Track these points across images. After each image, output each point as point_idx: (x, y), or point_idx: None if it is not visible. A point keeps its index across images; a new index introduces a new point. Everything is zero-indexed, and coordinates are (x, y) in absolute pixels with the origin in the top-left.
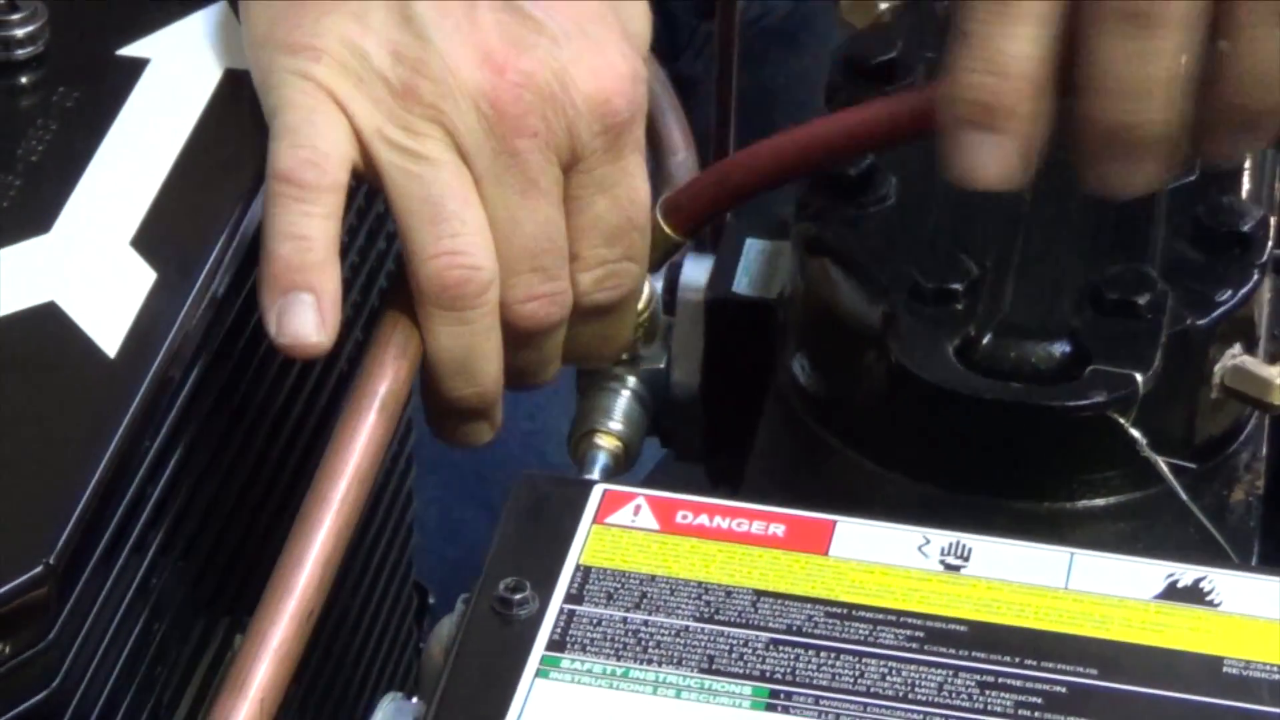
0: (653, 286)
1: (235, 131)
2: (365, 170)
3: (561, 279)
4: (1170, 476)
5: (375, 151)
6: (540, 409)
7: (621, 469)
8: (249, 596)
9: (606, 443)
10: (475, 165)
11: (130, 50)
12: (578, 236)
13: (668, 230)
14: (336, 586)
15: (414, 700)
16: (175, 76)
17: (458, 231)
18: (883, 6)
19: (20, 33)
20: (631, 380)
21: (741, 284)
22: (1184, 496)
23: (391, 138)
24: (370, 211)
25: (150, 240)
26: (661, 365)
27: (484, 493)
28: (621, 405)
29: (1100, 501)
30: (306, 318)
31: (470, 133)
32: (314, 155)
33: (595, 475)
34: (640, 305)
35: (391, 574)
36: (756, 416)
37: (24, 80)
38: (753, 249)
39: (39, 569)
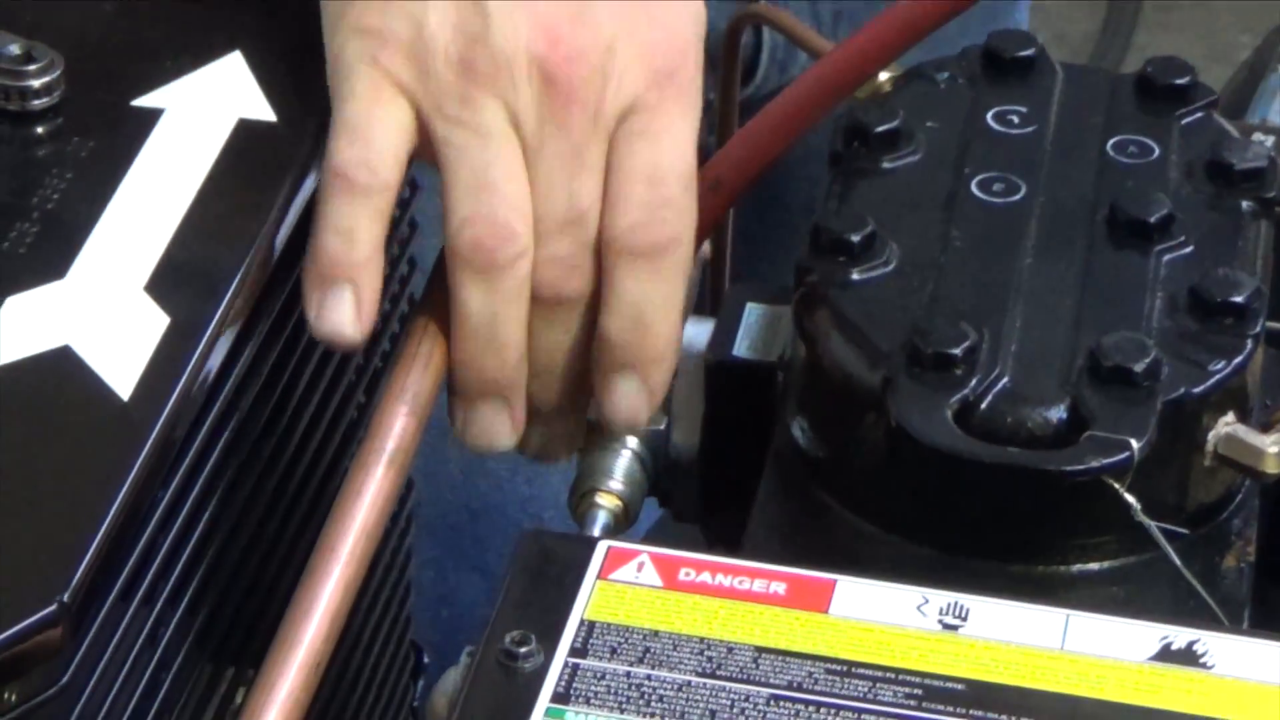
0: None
1: (247, 180)
2: (422, 149)
3: (586, 250)
4: (1164, 541)
5: (433, 128)
6: (539, 475)
7: (621, 528)
8: (253, 650)
9: (607, 501)
10: (524, 133)
11: (145, 101)
12: (620, 181)
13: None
14: (340, 640)
15: None
16: (189, 126)
17: (498, 200)
18: (882, 77)
19: (37, 83)
20: (632, 441)
21: (742, 347)
22: (1177, 561)
23: (449, 113)
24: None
25: (164, 286)
26: (661, 426)
27: (480, 556)
28: (622, 465)
29: (1095, 566)
30: (345, 310)
31: (523, 103)
32: (368, 154)
33: (596, 533)
34: None
35: (390, 631)
36: (755, 478)
37: (40, 130)
38: (753, 313)
39: (53, 607)
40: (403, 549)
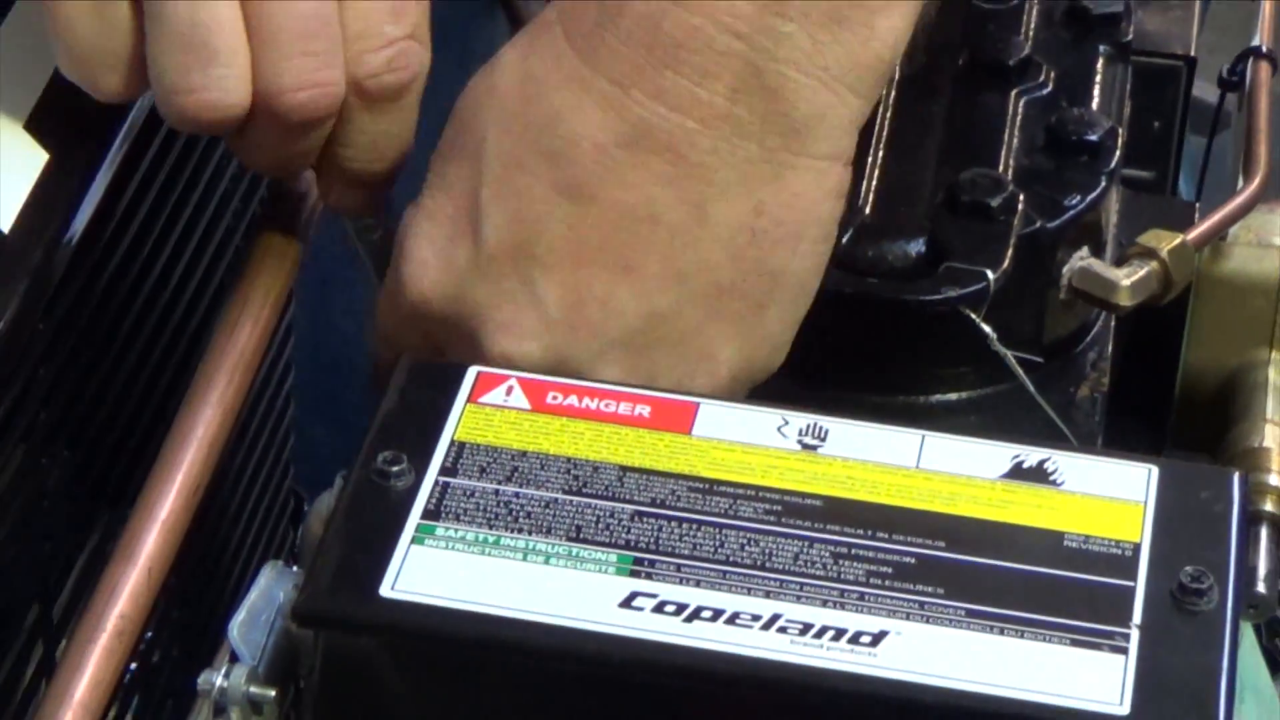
0: None
1: None
2: None
3: (335, 68)
4: (1018, 369)
5: None
6: None
7: None
8: (134, 489)
9: None
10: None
11: None
12: (361, 15)
13: None
14: (221, 471)
15: (294, 569)
16: None
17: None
18: None
19: None
20: None
21: None
22: (1031, 389)
23: None
24: None
25: (44, 124)
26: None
27: (334, 410)
28: None
29: (953, 396)
30: None
31: None
32: None
33: None
34: None
35: (271, 472)
36: None
37: None
38: None
39: None
40: (282, 393)
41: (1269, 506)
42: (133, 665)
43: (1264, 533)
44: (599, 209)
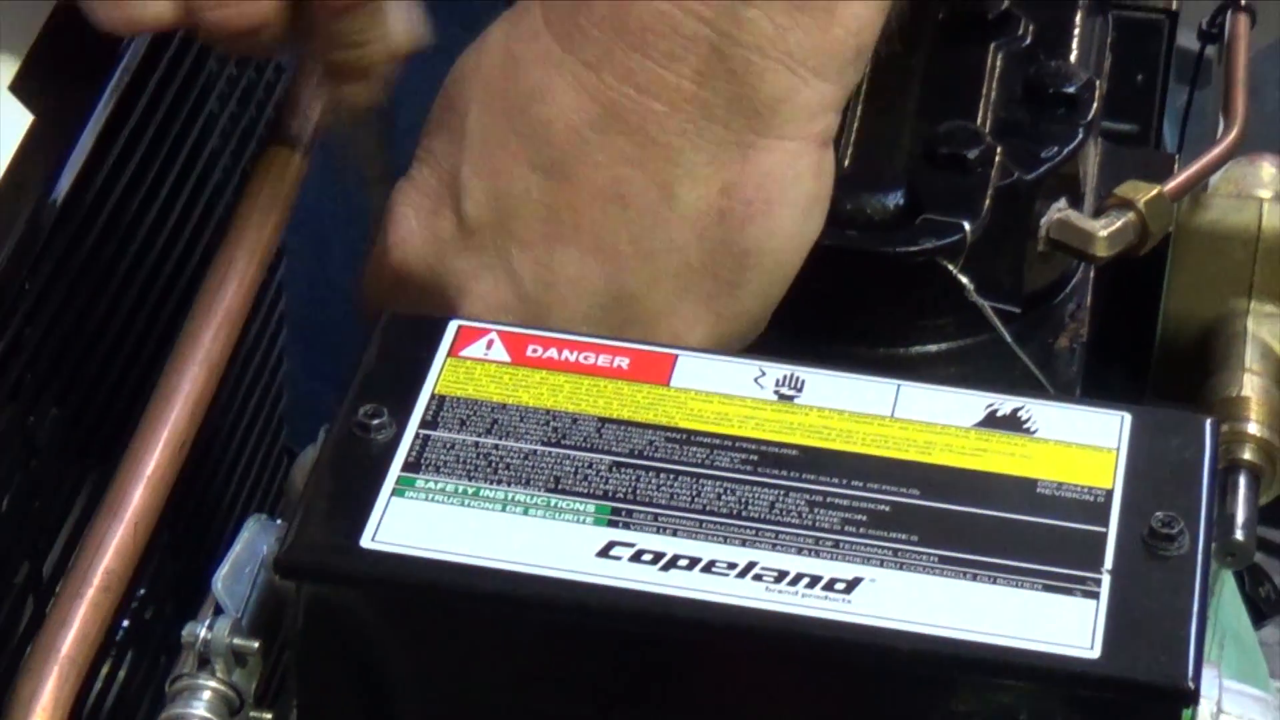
0: None
1: None
2: None
3: None
4: (995, 320)
5: None
6: None
7: None
8: (121, 448)
9: None
10: None
11: None
12: None
13: None
14: (211, 427)
15: (278, 521)
16: None
17: None
18: None
19: None
20: None
21: None
22: (1008, 339)
23: None
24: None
25: (29, 86)
26: None
27: (333, 366)
28: None
29: (932, 347)
30: None
31: None
32: None
33: None
34: None
35: (264, 430)
36: None
37: None
38: None
39: None
40: (274, 351)
41: (1248, 455)
42: (125, 622)
43: (1242, 480)
44: (572, 189)
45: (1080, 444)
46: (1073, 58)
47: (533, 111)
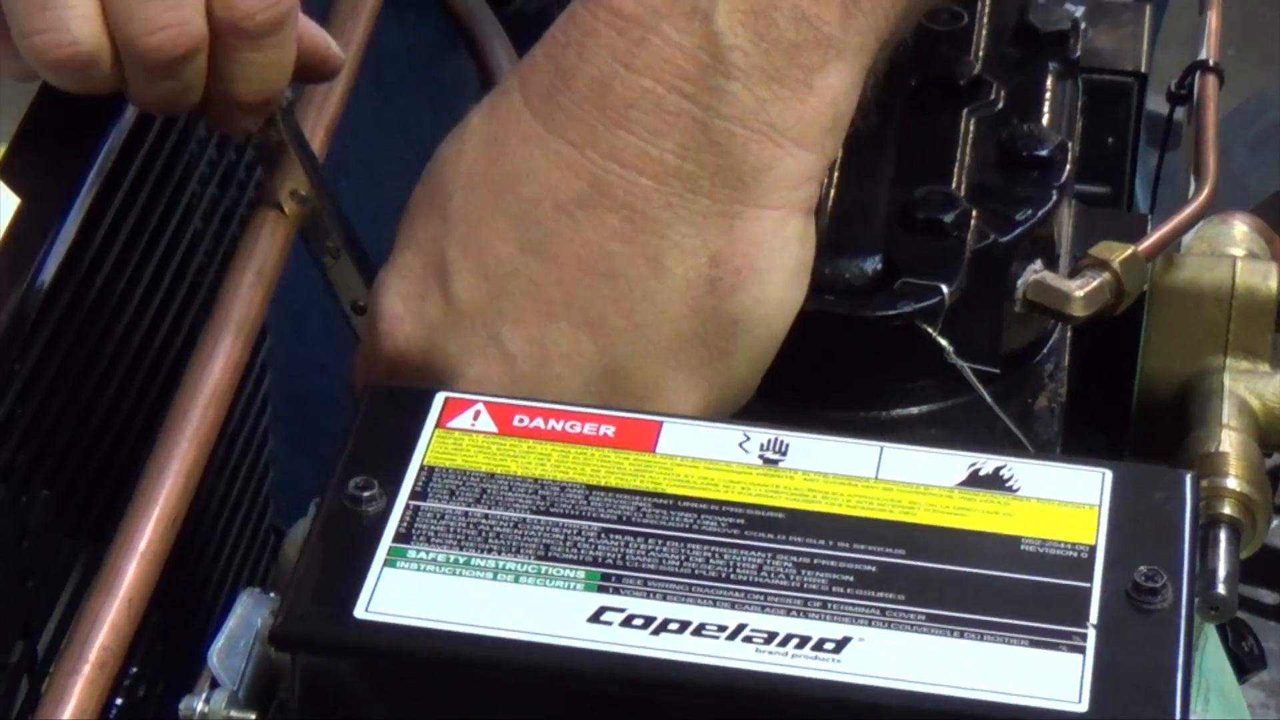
0: None
1: None
2: None
3: (185, 8)
4: (975, 381)
5: None
6: None
7: None
8: (115, 524)
9: None
10: None
11: None
12: None
13: None
14: (200, 507)
15: (271, 595)
16: None
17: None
18: None
19: None
20: None
21: None
22: (989, 400)
23: None
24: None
25: (15, 170)
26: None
27: (313, 441)
28: None
29: (913, 410)
30: None
31: None
32: None
33: None
34: None
35: (250, 507)
36: None
37: None
38: None
39: None
40: (259, 428)
41: (1227, 510)
42: (118, 700)
43: (1223, 535)
44: (560, 265)
45: (1062, 501)
46: (1044, 121)
47: (518, 191)
